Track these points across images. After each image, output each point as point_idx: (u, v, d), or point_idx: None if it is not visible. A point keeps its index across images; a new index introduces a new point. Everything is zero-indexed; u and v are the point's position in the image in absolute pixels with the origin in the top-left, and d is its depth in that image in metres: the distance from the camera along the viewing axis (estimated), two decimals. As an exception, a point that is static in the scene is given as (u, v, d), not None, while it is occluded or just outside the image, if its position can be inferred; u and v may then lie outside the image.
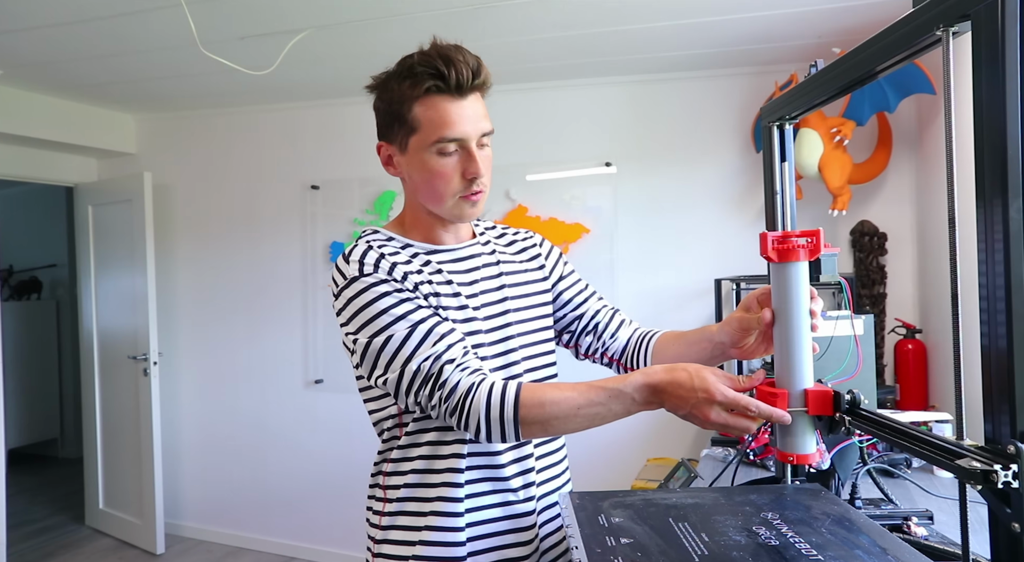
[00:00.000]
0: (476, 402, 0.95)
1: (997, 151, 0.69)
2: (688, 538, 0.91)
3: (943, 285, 2.45)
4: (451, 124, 1.00)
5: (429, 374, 0.97)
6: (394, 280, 1.02)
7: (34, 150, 3.65)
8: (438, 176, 1.03)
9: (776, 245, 0.94)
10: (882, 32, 0.90)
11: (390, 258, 1.04)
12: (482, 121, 1.03)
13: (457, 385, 0.96)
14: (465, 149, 1.03)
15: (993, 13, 0.69)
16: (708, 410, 0.89)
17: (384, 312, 1.00)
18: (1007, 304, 0.68)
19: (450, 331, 1.00)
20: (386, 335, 0.99)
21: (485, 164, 1.05)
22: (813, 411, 1.04)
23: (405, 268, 1.04)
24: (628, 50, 2.79)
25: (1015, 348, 0.68)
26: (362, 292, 1.01)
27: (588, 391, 0.94)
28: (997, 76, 0.69)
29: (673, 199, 3.10)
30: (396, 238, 1.11)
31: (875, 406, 1.21)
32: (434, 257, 1.11)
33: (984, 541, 0.74)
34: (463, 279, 1.11)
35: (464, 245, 1.15)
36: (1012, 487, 0.67)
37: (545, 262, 1.27)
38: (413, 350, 0.98)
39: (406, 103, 1.02)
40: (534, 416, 0.94)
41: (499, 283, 1.15)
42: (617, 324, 1.30)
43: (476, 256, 1.15)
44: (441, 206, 1.06)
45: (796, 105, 1.19)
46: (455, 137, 1.01)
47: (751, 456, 1.79)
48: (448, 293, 1.07)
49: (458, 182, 1.03)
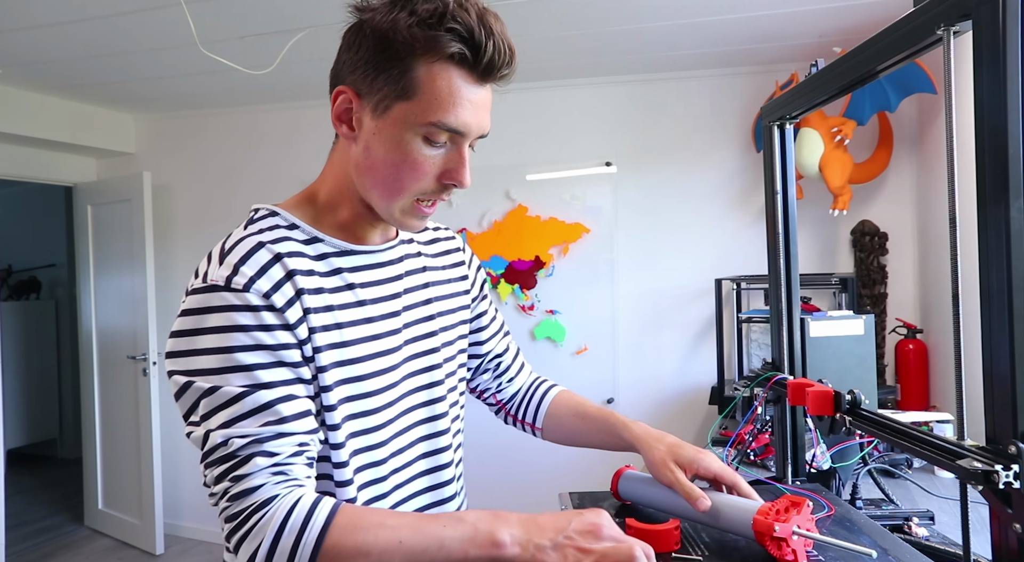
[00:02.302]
0: (267, 519, 0.67)
1: (998, 151, 0.69)
2: (688, 538, 0.91)
3: (944, 285, 2.45)
4: (458, 109, 0.75)
5: (232, 455, 0.69)
6: (268, 309, 0.73)
7: (33, 150, 3.65)
8: (411, 166, 0.77)
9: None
10: (883, 31, 0.90)
11: (287, 264, 0.77)
12: (488, 119, 0.80)
13: (256, 489, 0.68)
14: (456, 145, 0.78)
15: (994, 12, 0.69)
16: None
17: (228, 352, 0.72)
18: (1008, 304, 0.68)
19: (296, 415, 0.73)
20: (214, 382, 0.71)
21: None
22: (813, 411, 1.04)
23: (300, 283, 0.77)
24: (628, 50, 2.79)
25: (1016, 348, 0.68)
26: (214, 311, 0.73)
27: (414, 524, 0.68)
28: (998, 75, 0.69)
29: (673, 199, 3.10)
30: (301, 227, 0.83)
31: (876, 406, 1.21)
32: (346, 263, 0.84)
33: (985, 541, 0.73)
34: (381, 293, 0.87)
35: (391, 245, 0.91)
36: (1013, 487, 0.67)
37: (468, 272, 1.06)
38: (233, 417, 0.70)
39: (412, 56, 0.73)
40: (345, 549, 0.66)
41: (427, 295, 0.94)
42: (518, 367, 1.14)
43: (404, 259, 0.92)
44: (389, 202, 0.80)
45: (797, 104, 1.19)
46: (454, 127, 0.76)
47: (751, 456, 1.79)
48: (353, 321, 0.82)
49: (430, 182, 0.79)
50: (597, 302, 3.19)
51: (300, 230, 0.83)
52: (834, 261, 2.92)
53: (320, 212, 0.86)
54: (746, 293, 2.94)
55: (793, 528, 0.81)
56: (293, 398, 0.74)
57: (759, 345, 2.66)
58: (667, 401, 3.11)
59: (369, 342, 0.83)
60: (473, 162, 0.81)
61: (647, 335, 3.14)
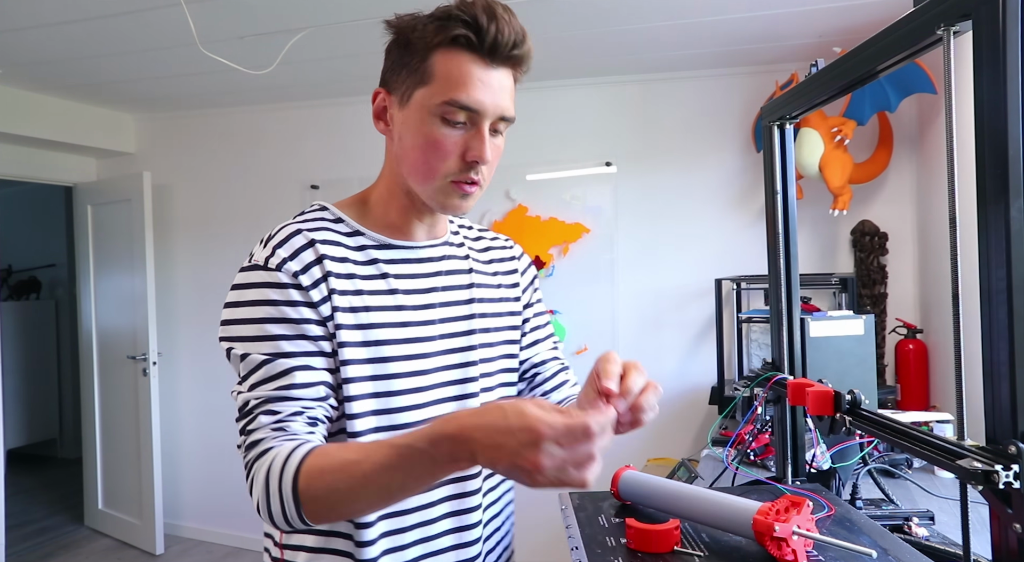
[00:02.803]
0: (259, 466, 0.75)
1: (998, 151, 0.69)
2: (688, 538, 0.91)
3: (944, 285, 2.45)
4: (469, 87, 0.81)
5: (247, 413, 0.80)
6: (295, 287, 0.82)
7: (33, 150, 3.65)
8: (433, 146, 0.83)
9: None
10: (883, 31, 0.90)
11: (319, 249, 0.85)
12: (506, 101, 0.85)
13: (258, 443, 0.77)
14: (475, 125, 0.84)
15: (994, 12, 0.69)
16: (537, 454, 0.61)
17: (259, 323, 0.81)
18: (1008, 304, 0.68)
19: (307, 383, 0.80)
20: (247, 349, 0.81)
21: (493, 152, 0.86)
22: (813, 411, 1.04)
23: (328, 266, 0.85)
24: (628, 50, 2.79)
25: (1016, 348, 0.68)
26: (253, 286, 0.83)
27: (376, 451, 0.69)
28: (998, 75, 0.69)
29: (673, 199, 3.10)
30: (346, 221, 0.91)
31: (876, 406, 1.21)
32: (384, 255, 0.91)
33: (985, 541, 0.73)
34: (417, 285, 0.92)
35: (433, 243, 0.96)
36: (1013, 487, 0.67)
37: (520, 280, 1.07)
38: (257, 382, 0.80)
39: (425, 48, 0.83)
40: (316, 489, 0.71)
41: (469, 296, 0.97)
42: (555, 384, 1.08)
43: (445, 258, 0.96)
44: (426, 185, 0.86)
45: (797, 105, 1.19)
46: (468, 105, 0.82)
47: (751, 456, 1.79)
48: (383, 306, 0.88)
49: (455, 162, 0.84)
50: (597, 302, 3.19)
51: (344, 223, 0.91)
52: (834, 261, 2.91)
53: (370, 209, 0.93)
54: (746, 293, 2.94)
55: (793, 528, 0.81)
56: (309, 368, 0.81)
57: (759, 345, 2.66)
58: (667, 401, 3.11)
59: (399, 327, 0.88)
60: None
61: (647, 335, 3.14)
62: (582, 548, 0.88)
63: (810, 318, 1.31)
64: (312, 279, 0.83)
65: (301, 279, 0.83)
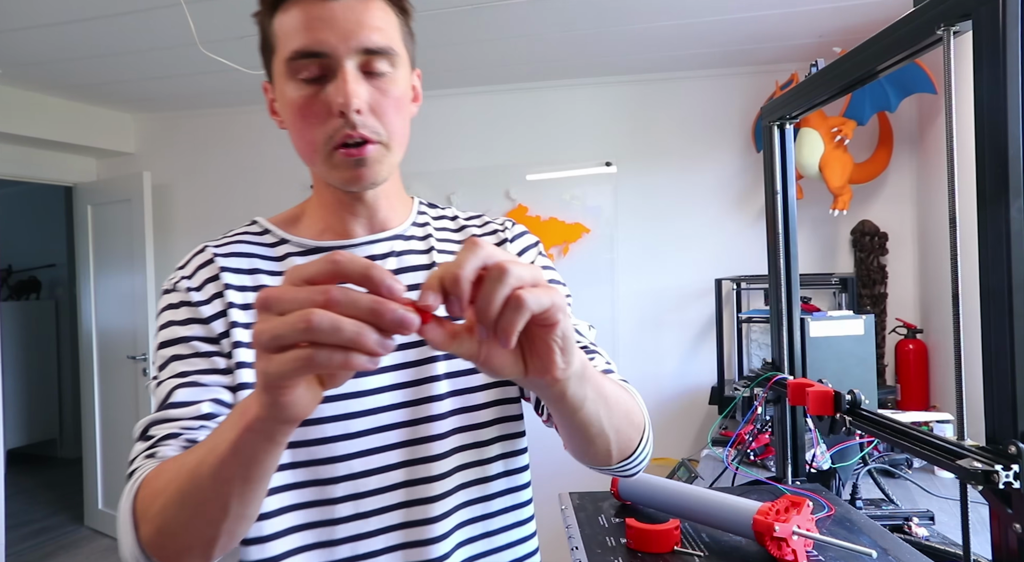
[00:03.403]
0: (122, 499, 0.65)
1: (998, 151, 0.69)
2: (688, 538, 0.91)
3: (944, 285, 2.45)
4: (305, 31, 0.68)
5: (135, 436, 0.71)
6: (186, 304, 0.74)
7: (33, 150, 3.65)
8: (300, 113, 0.71)
9: None
10: (883, 31, 0.90)
11: (219, 263, 0.76)
12: (363, 30, 0.69)
13: (131, 473, 0.67)
14: (331, 71, 0.69)
15: (994, 12, 0.69)
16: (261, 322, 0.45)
17: (160, 348, 0.74)
18: (1008, 304, 0.68)
19: (189, 402, 0.69)
20: (155, 373, 0.75)
21: (376, 95, 0.70)
22: (813, 411, 1.04)
23: (229, 280, 0.75)
24: (628, 50, 2.79)
25: (1016, 348, 0.68)
26: (159, 313, 0.77)
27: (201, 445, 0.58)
28: (998, 75, 0.69)
29: (673, 199, 3.10)
30: (272, 232, 0.80)
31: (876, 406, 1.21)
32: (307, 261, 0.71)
33: (985, 541, 0.73)
34: None
35: (376, 238, 0.79)
36: (1013, 487, 0.67)
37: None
38: (155, 407, 0.71)
39: (266, 20, 0.74)
40: (148, 506, 0.60)
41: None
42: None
43: (393, 255, 0.79)
44: (317, 163, 0.73)
45: (797, 105, 1.19)
46: (310, 49, 0.68)
47: (751, 456, 1.79)
48: None
49: (328, 123, 0.69)
50: (597, 302, 3.19)
51: (270, 234, 0.81)
52: (834, 261, 2.92)
53: (306, 216, 0.82)
54: (746, 293, 2.94)
55: (793, 528, 0.81)
56: (194, 385, 0.71)
57: (759, 345, 2.66)
58: (667, 401, 3.11)
59: None
60: (473, 162, 0.77)
61: (647, 335, 3.14)
62: (582, 548, 0.88)
63: (810, 318, 1.31)
64: (206, 295, 0.75)
65: (192, 295, 0.75)
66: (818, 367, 1.27)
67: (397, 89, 0.72)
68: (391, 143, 0.72)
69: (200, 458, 0.54)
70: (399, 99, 0.72)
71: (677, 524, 0.88)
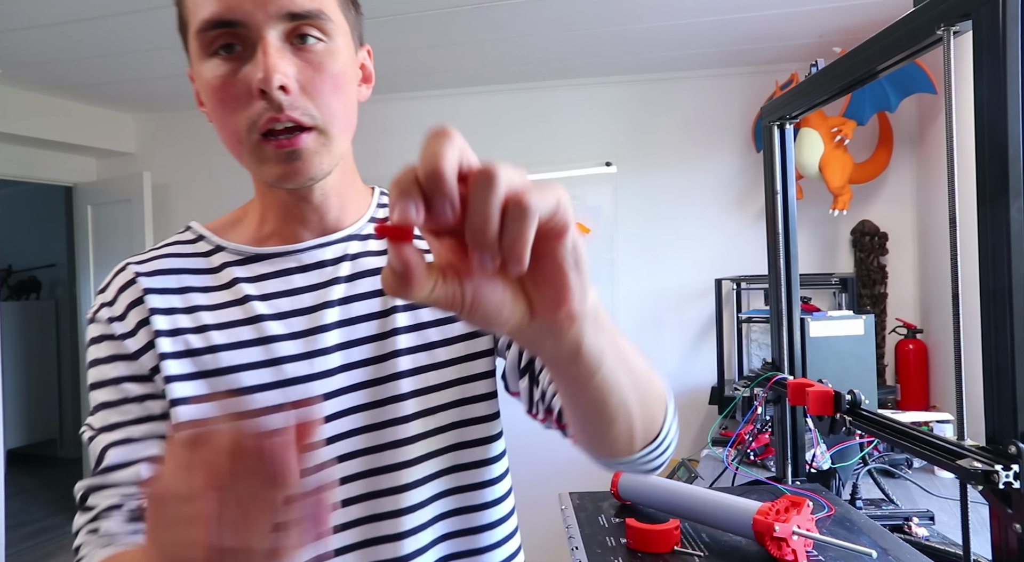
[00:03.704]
0: None
1: (998, 151, 0.69)
2: (688, 538, 0.91)
3: (944, 285, 2.45)
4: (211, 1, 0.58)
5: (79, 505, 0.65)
6: (109, 338, 0.64)
7: (33, 150, 3.65)
8: (213, 95, 0.60)
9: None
10: (883, 31, 0.90)
11: (142, 284, 0.66)
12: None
13: (77, 550, 0.63)
14: (250, 43, 0.58)
15: (994, 12, 0.69)
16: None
17: (91, 388, 0.65)
18: (1008, 304, 0.68)
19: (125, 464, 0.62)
20: (88, 419, 0.66)
21: (306, 72, 0.58)
22: (813, 411, 1.04)
23: (155, 303, 0.64)
24: (628, 50, 2.79)
25: (1016, 348, 0.68)
26: (86, 344, 0.67)
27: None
28: (998, 75, 0.69)
29: (673, 199, 3.10)
30: (206, 238, 0.70)
31: (876, 406, 1.21)
32: (247, 272, 0.67)
33: (985, 541, 0.74)
34: (297, 305, 0.65)
35: (327, 241, 0.67)
36: (1013, 487, 0.67)
37: None
38: (91, 463, 0.65)
39: (178, 2, 0.66)
40: None
41: (387, 303, 0.67)
42: None
43: (346, 259, 0.68)
44: (244, 155, 0.61)
45: (797, 105, 1.19)
46: (224, 18, 0.57)
47: (751, 456, 1.79)
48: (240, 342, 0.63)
49: (250, 105, 0.58)
50: (597, 302, 3.19)
51: (204, 241, 0.70)
52: (834, 261, 2.92)
53: (248, 219, 0.72)
54: (746, 293, 2.94)
55: (793, 528, 0.81)
56: (127, 442, 0.62)
57: (759, 345, 2.67)
58: (667, 401, 3.11)
59: (266, 368, 0.63)
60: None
61: (647, 335, 3.14)
62: (582, 548, 0.88)
63: (810, 318, 1.31)
64: (129, 325, 0.64)
65: (115, 326, 0.64)
66: (818, 367, 1.27)
67: (335, 63, 0.60)
68: (330, 128, 0.60)
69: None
70: (337, 76, 0.60)
71: (677, 524, 0.88)
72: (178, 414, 0.62)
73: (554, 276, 0.35)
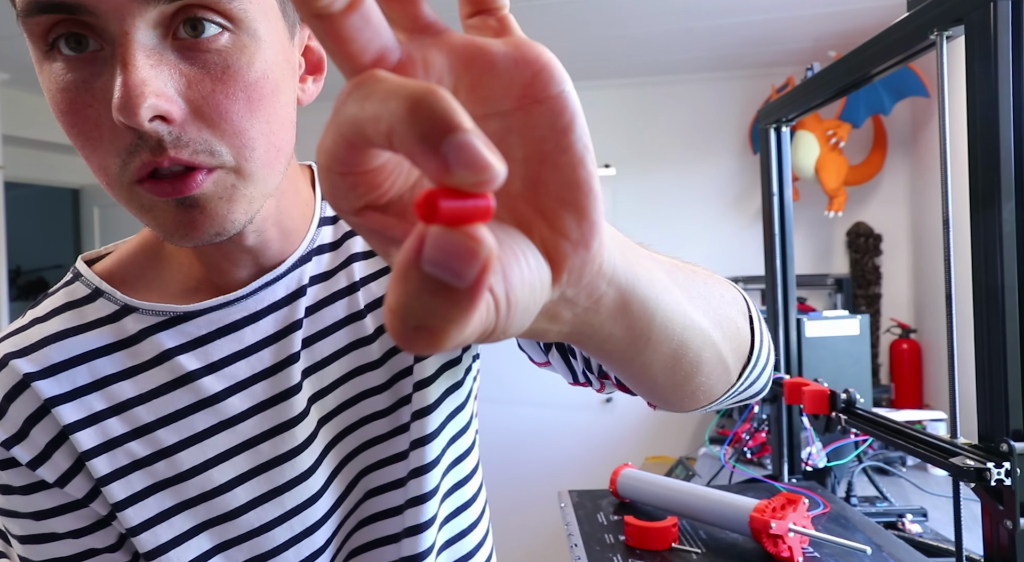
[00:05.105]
0: None
1: (990, 153, 0.70)
2: (686, 535, 0.92)
3: (938, 286, 2.47)
4: None
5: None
6: (11, 465, 0.48)
7: (41, 152, 3.67)
8: (62, 118, 0.40)
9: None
10: (877, 36, 0.91)
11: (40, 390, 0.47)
12: None
13: None
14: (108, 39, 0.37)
15: (986, 17, 0.70)
16: None
17: (4, 515, 0.51)
18: (1000, 304, 0.70)
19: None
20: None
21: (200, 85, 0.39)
22: (809, 410, 1.05)
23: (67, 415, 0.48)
24: (626, 54, 2.80)
25: (1008, 348, 0.69)
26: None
27: None
28: (990, 79, 0.70)
29: (671, 201, 3.12)
30: (107, 295, 0.50)
31: (870, 405, 1.23)
32: (178, 339, 0.49)
33: (977, 538, 0.75)
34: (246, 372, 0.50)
35: (272, 277, 0.51)
36: (1005, 484, 0.68)
37: None
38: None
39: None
40: None
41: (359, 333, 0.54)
42: None
43: (290, 301, 0.52)
44: (116, 197, 0.46)
45: (793, 108, 1.20)
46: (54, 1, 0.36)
47: (748, 454, 1.81)
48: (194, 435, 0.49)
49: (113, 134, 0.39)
50: (594, 303, 3.20)
51: (105, 299, 0.50)
52: (829, 262, 2.93)
53: (161, 261, 0.52)
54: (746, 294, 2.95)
55: (789, 525, 0.82)
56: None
57: (755, 346, 2.68)
58: (664, 401, 3.12)
59: (231, 458, 0.50)
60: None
61: (644, 336, 3.14)
62: (582, 545, 0.89)
63: (806, 318, 1.33)
64: (37, 447, 0.48)
65: (17, 452, 0.47)
66: (814, 366, 1.29)
67: (250, 66, 0.40)
68: (246, 165, 0.41)
69: None
70: (255, 84, 0.40)
71: (675, 521, 0.89)
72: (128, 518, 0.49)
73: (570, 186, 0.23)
